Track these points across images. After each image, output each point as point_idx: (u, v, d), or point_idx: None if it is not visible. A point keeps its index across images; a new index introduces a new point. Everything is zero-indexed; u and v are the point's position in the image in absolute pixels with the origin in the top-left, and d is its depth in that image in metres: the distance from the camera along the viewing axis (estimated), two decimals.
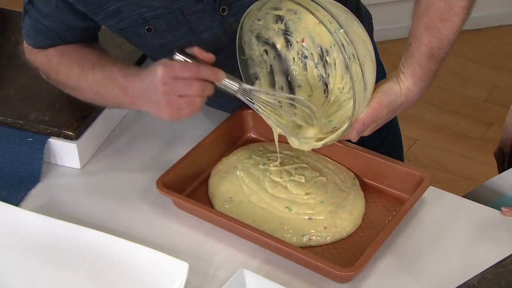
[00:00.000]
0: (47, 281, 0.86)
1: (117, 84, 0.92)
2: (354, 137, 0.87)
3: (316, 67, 0.93)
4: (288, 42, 0.93)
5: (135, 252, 0.87)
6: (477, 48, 2.61)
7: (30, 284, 0.86)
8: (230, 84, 0.89)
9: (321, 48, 0.91)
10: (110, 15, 0.92)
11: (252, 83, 0.94)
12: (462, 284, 0.75)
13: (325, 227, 0.91)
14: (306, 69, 0.94)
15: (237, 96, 0.89)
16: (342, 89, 0.91)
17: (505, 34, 2.69)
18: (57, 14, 0.94)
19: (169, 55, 0.88)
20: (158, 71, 0.86)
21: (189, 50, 0.87)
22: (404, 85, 0.89)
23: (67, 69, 0.97)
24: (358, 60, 0.81)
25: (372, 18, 1.16)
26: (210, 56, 0.88)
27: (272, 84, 0.95)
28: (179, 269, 0.84)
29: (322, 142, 0.89)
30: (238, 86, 0.89)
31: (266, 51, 0.94)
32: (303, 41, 0.92)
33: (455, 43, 0.91)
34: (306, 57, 0.93)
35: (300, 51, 0.93)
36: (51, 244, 0.89)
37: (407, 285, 0.85)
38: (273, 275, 0.86)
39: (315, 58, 0.92)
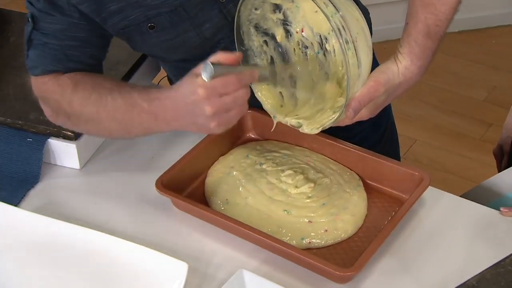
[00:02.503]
0: (46, 281, 0.86)
1: (142, 110, 0.88)
2: (349, 115, 0.85)
3: (317, 57, 0.92)
4: (288, 33, 0.92)
5: (134, 253, 0.87)
6: (477, 48, 2.62)
7: (30, 284, 0.86)
8: (263, 77, 0.90)
9: (320, 36, 0.90)
10: (113, 13, 0.92)
11: None
12: (461, 284, 0.75)
13: (326, 230, 0.91)
14: (307, 59, 0.93)
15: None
16: (342, 76, 0.91)
17: (504, 34, 2.69)
18: (62, 27, 0.93)
19: (175, 55, 0.90)
20: (201, 95, 0.81)
21: (214, 60, 0.82)
22: (401, 64, 0.89)
23: (83, 97, 0.92)
24: (351, 36, 0.81)
25: (369, 13, 1.16)
26: (236, 57, 0.84)
27: (274, 75, 0.94)
28: (178, 269, 0.84)
29: (321, 125, 0.88)
30: (267, 72, 0.92)
31: (265, 41, 0.93)
32: (302, 31, 0.91)
33: (455, 43, 0.91)
34: (306, 47, 0.92)
35: (300, 41, 0.92)
36: (51, 244, 0.89)
37: (406, 285, 0.85)
38: (272, 276, 0.86)
39: (315, 48, 0.91)
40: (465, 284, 0.75)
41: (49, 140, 1.02)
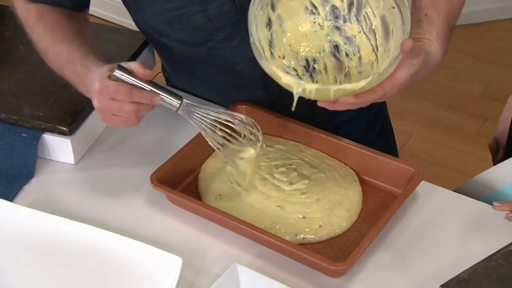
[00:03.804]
0: (40, 275, 0.87)
1: (75, 69, 0.93)
2: (407, 48, 0.79)
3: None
4: (271, 55, 0.90)
5: (128, 247, 0.87)
6: (473, 42, 2.62)
7: (24, 279, 0.86)
8: (168, 104, 0.89)
9: (307, 59, 0.90)
10: None
11: None
12: (453, 278, 0.75)
13: (320, 226, 0.91)
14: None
15: (179, 113, 0.90)
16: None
17: (500, 28, 2.69)
18: None
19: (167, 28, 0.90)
20: (95, 87, 0.87)
21: (127, 66, 0.87)
22: (434, 45, 0.89)
23: (40, 33, 0.98)
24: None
25: None
26: (147, 73, 0.87)
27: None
28: (172, 264, 0.84)
29: (368, 80, 0.80)
30: (177, 106, 0.89)
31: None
32: (283, 58, 0.90)
33: (452, 37, 0.92)
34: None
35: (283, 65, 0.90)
36: (45, 239, 0.90)
37: (399, 279, 0.86)
38: (266, 270, 0.86)
39: (299, 71, 0.91)
40: (457, 277, 0.75)
41: (44, 135, 1.02)
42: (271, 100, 1.07)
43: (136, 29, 1.11)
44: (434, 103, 2.36)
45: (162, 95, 0.88)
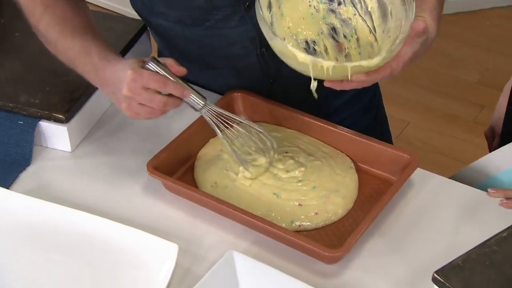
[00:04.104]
0: (37, 262, 0.87)
1: (90, 61, 0.93)
2: (419, 28, 0.81)
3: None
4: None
5: (125, 234, 0.88)
6: (470, 30, 2.62)
7: (20, 266, 0.87)
8: (193, 102, 0.91)
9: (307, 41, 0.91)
10: None
11: None
12: (447, 264, 0.75)
13: (316, 213, 0.92)
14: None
15: (201, 113, 0.92)
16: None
17: (498, 16, 2.69)
18: None
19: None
20: (128, 75, 0.87)
21: (162, 61, 0.89)
22: (429, 21, 0.89)
23: (49, 23, 0.96)
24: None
25: None
26: (181, 70, 0.90)
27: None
28: (169, 250, 0.85)
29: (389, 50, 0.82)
30: (201, 106, 0.91)
31: None
32: (284, 39, 0.90)
33: (448, 25, 0.93)
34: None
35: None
36: (41, 226, 0.90)
37: (394, 265, 0.87)
38: (262, 257, 0.86)
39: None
40: (451, 264, 0.75)
41: (40, 122, 1.02)
42: (268, 82, 1.07)
43: (132, 16, 1.11)
44: (431, 91, 2.36)
45: (192, 91, 0.90)
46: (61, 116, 1.01)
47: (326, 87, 0.99)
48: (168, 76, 0.89)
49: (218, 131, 0.92)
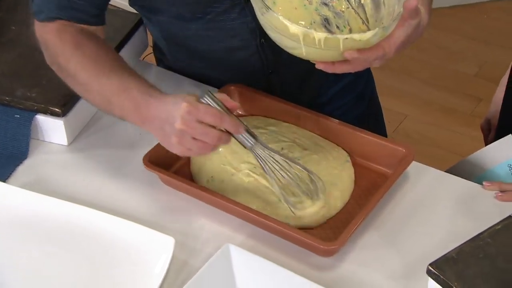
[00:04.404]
0: (34, 256, 0.87)
1: (130, 97, 0.89)
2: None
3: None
4: None
5: (122, 228, 0.88)
6: (468, 23, 2.61)
7: (17, 259, 0.87)
8: (244, 139, 0.88)
9: None
10: None
11: None
12: (441, 257, 0.76)
13: None
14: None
15: (251, 151, 0.89)
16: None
17: (496, 9, 2.68)
18: None
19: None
20: (182, 108, 0.83)
21: (217, 95, 0.86)
22: (421, 7, 0.88)
23: (81, 62, 0.93)
24: None
25: None
26: (235, 105, 0.88)
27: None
28: (165, 244, 0.85)
29: (374, 31, 0.81)
30: (252, 144, 0.88)
31: None
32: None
33: (446, 18, 0.93)
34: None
35: None
36: (38, 220, 0.90)
37: (389, 258, 0.87)
38: (258, 250, 0.87)
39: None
40: (445, 256, 0.76)
41: (37, 116, 1.02)
42: (267, 72, 1.07)
43: (129, 9, 1.10)
44: (429, 84, 2.36)
45: (244, 128, 0.87)
46: (57, 110, 1.01)
47: (322, 76, 0.99)
48: (224, 110, 0.86)
49: (267, 170, 0.89)
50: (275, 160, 0.89)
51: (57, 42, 0.95)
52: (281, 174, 0.89)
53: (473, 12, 2.65)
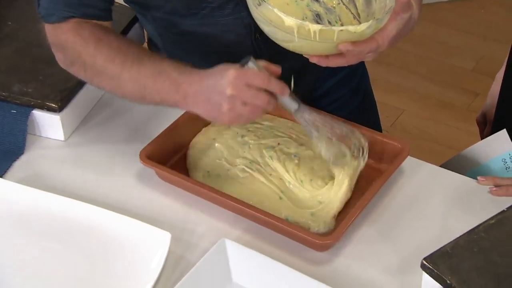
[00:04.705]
0: (30, 251, 0.88)
1: (168, 78, 0.89)
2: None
3: None
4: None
5: (118, 223, 0.88)
6: (465, 17, 2.61)
7: (14, 255, 0.87)
8: (290, 102, 0.89)
9: None
10: None
11: None
12: (435, 251, 0.77)
13: None
14: None
15: (294, 115, 0.90)
16: None
17: (493, 3, 2.68)
18: None
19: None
20: (230, 74, 0.85)
21: (259, 61, 0.87)
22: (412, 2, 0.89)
23: (108, 54, 0.92)
24: None
25: None
26: (277, 70, 0.88)
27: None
28: (161, 239, 0.85)
29: (368, 23, 0.82)
30: (297, 106, 0.89)
31: None
32: None
33: (444, 12, 0.93)
34: None
35: None
36: (35, 215, 0.91)
37: (384, 253, 0.87)
38: (254, 244, 0.87)
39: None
40: (439, 250, 0.76)
41: (33, 111, 1.02)
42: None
43: (125, 4, 1.10)
44: (426, 79, 2.36)
45: (290, 91, 0.88)
46: (54, 105, 1.01)
47: (317, 70, 0.99)
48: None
49: (313, 133, 0.90)
50: (320, 123, 0.90)
51: (77, 40, 0.94)
52: (328, 135, 0.90)
53: (471, 7, 2.65)
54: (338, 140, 0.91)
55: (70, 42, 0.95)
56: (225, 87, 0.84)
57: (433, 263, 0.75)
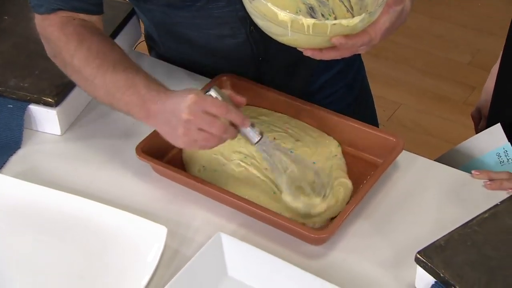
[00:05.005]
0: (27, 245, 0.88)
1: (137, 93, 0.89)
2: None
3: None
4: None
5: (114, 217, 0.89)
6: (462, 11, 2.61)
7: (11, 249, 0.88)
8: (251, 134, 0.88)
9: None
10: None
11: None
12: (429, 245, 0.77)
13: None
14: None
15: (256, 147, 0.89)
16: None
17: None
18: None
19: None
20: (189, 98, 0.85)
21: (224, 90, 0.88)
22: None
23: (86, 56, 0.93)
24: None
25: None
26: (242, 100, 0.89)
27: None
28: (157, 233, 0.86)
29: (361, 16, 0.82)
30: (258, 139, 0.88)
31: None
32: None
33: (440, 6, 0.93)
34: None
35: None
36: (32, 209, 0.91)
37: (379, 246, 0.88)
38: (249, 238, 0.88)
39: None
40: (433, 244, 0.77)
41: (30, 106, 1.02)
42: (257, 61, 1.08)
43: None
44: (423, 72, 2.36)
45: (251, 123, 0.88)
46: (50, 100, 1.01)
47: (312, 64, 0.99)
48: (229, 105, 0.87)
49: (273, 166, 0.90)
50: (282, 157, 0.90)
51: (60, 36, 0.95)
52: (288, 171, 0.90)
53: (468, 0, 2.65)
54: (300, 175, 0.91)
55: (54, 37, 0.96)
56: (182, 110, 0.85)
57: (427, 257, 0.76)
